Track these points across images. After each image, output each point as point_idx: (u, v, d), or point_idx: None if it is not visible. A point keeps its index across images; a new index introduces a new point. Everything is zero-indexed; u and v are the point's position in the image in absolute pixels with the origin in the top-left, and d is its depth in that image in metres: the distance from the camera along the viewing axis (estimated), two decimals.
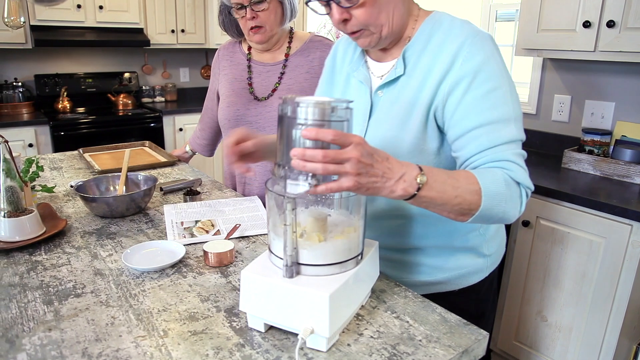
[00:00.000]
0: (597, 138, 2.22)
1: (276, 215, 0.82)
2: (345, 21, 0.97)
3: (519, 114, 0.95)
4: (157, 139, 3.88)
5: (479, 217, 0.87)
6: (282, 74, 1.68)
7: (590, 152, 2.20)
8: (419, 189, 0.79)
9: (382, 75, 1.06)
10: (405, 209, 1.08)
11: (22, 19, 1.71)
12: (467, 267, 1.14)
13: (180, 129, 3.98)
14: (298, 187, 0.74)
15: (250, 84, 1.71)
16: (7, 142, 1.30)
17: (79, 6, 3.59)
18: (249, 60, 1.74)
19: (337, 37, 3.54)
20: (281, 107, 0.77)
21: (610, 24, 1.90)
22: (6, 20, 1.70)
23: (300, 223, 0.83)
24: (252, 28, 1.59)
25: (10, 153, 1.29)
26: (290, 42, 1.71)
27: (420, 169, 0.80)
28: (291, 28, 1.74)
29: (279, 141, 0.79)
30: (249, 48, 1.76)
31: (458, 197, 0.83)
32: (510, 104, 0.93)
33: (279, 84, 1.68)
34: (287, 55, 1.69)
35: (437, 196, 0.82)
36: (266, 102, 1.67)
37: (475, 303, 1.18)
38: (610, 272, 1.76)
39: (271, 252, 0.85)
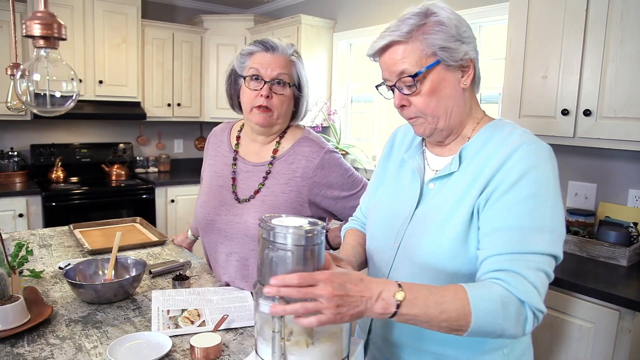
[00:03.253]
0: (581, 219, 2.27)
1: (264, 319, 0.83)
2: (403, 107, 1.04)
3: (558, 229, 0.92)
4: (149, 210, 3.90)
5: (474, 334, 0.84)
6: (268, 173, 1.51)
7: (576, 233, 2.24)
8: (398, 306, 0.80)
9: (437, 170, 1.09)
10: None
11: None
12: None
13: (172, 201, 4.01)
14: (268, 306, 0.79)
15: (234, 179, 1.56)
16: None
17: (79, 80, 3.72)
18: (235, 152, 1.60)
19: (328, 114, 3.67)
20: (259, 228, 0.82)
21: (587, 113, 2.00)
22: (9, 104, 1.77)
23: (287, 324, 0.84)
24: (259, 106, 1.44)
25: (1, 239, 1.30)
26: (281, 138, 1.55)
27: (400, 286, 0.81)
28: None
29: (259, 262, 0.83)
30: (238, 138, 1.62)
31: (443, 313, 0.82)
32: (549, 216, 0.91)
33: (262, 184, 1.51)
34: (275, 152, 1.53)
35: (420, 313, 0.81)
36: (237, 210, 1.51)
37: None
38: (601, 359, 1.74)
39: (257, 354, 0.85)
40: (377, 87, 1.08)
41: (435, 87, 0.99)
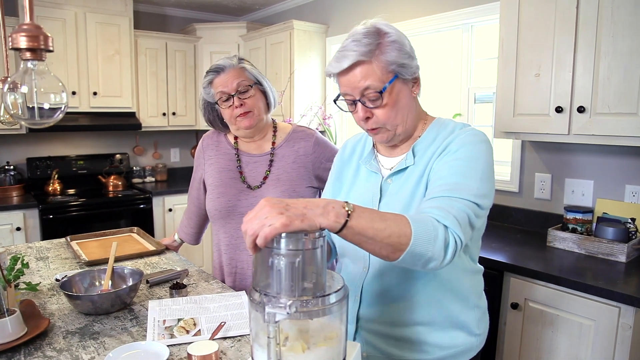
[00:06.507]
0: (579, 216, 2.26)
1: (259, 325, 0.82)
2: (367, 119, 1.14)
3: (483, 190, 1.05)
4: (147, 220, 3.89)
5: (410, 254, 0.91)
6: (272, 161, 1.72)
7: (574, 230, 2.24)
8: (349, 215, 0.86)
9: (391, 167, 1.21)
10: (413, 285, 1.16)
11: None
12: (461, 346, 1.20)
13: (170, 210, 4.00)
14: (277, 314, 0.77)
15: (241, 172, 1.73)
16: None
17: (73, 92, 3.72)
18: (236, 149, 1.77)
19: (323, 118, 3.67)
20: None
21: (581, 110, 2.00)
22: (2, 118, 1.77)
23: (283, 329, 0.83)
24: (239, 116, 1.64)
25: None
26: (274, 133, 1.77)
27: (346, 202, 0.88)
28: (273, 120, 1.81)
29: (255, 268, 0.82)
30: (235, 138, 1.80)
31: (387, 228, 0.89)
32: (477, 180, 1.05)
33: (269, 171, 1.71)
34: (274, 144, 1.74)
35: (367, 226, 0.87)
36: (256, 192, 1.69)
37: None
38: (603, 356, 1.74)
39: None
40: (334, 101, 1.19)
41: (395, 100, 1.12)
